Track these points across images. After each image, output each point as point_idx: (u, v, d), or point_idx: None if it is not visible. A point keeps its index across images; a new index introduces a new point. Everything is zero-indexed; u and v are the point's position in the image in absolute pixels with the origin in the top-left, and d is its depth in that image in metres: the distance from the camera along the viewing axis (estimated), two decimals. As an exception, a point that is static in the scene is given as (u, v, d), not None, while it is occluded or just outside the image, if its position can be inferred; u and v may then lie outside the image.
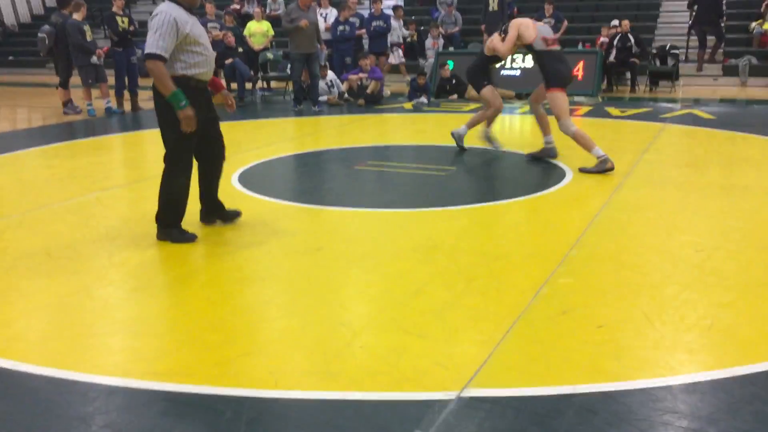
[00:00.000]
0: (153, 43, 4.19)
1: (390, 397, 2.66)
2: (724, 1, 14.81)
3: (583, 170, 6.40)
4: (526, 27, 6.60)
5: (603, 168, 6.32)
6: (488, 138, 7.54)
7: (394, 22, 15.12)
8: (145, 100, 12.51)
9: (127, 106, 11.59)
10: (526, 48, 6.69)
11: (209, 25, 13.31)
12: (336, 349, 3.04)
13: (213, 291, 3.74)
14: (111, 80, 11.28)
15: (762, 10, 14.65)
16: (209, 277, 3.98)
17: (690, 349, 3.02)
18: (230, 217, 4.96)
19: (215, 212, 4.93)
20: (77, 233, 4.79)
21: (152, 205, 4.63)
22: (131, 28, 11.28)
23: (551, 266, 3.99)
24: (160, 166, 4.55)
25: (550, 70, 6.53)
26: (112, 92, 11.30)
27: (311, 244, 4.54)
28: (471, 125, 7.52)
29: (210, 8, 13.70)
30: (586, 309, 3.43)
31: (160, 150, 4.57)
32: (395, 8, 15.78)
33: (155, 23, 4.21)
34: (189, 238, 4.57)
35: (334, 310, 3.52)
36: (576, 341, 3.09)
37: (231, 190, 5.98)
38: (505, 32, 6.72)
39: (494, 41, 6.88)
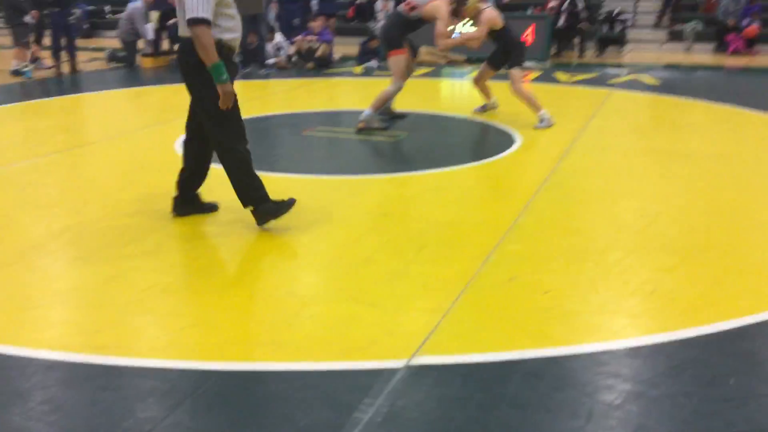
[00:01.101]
0: (197, 6, 3.64)
1: (339, 366, 2.65)
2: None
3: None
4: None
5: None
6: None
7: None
8: (84, 62, 12.09)
9: (65, 67, 11.16)
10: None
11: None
12: (285, 319, 3.01)
13: (157, 261, 3.65)
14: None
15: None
16: (153, 246, 3.87)
17: (633, 313, 3.09)
18: (207, 209, 4.38)
19: (192, 203, 4.34)
20: (14, 202, 4.61)
21: (94, 172, 4.48)
22: (68, -14, 10.81)
23: (500, 233, 4.02)
24: (101, 131, 4.38)
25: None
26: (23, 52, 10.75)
27: (259, 211, 4.45)
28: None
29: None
30: (533, 275, 3.46)
31: (100, 114, 4.40)
32: None
33: None
34: (289, 203, 4.07)
35: (282, 279, 3.48)
36: (523, 308, 3.12)
37: (173, 156, 5.83)
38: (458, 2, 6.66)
39: (441, 11, 6.60)
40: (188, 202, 4.32)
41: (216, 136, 3.98)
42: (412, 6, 6.62)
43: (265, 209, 4.05)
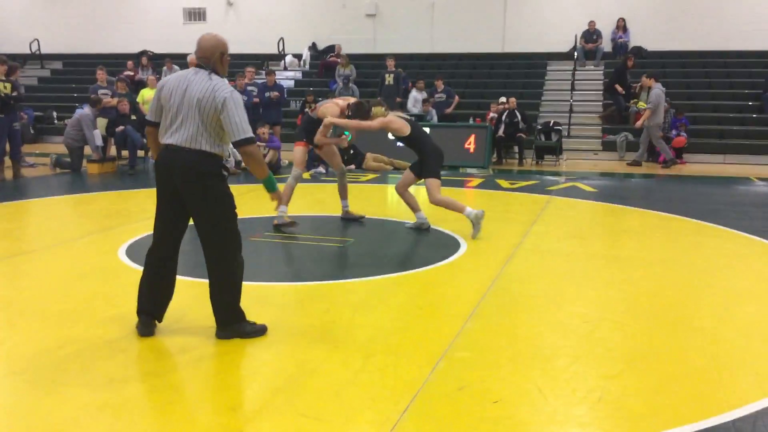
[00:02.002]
0: (243, 126, 3.78)
1: (284, 486, 2.55)
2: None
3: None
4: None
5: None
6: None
7: (416, 94, 15.69)
8: (26, 167, 11.96)
9: (8, 173, 11.00)
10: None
11: (100, 91, 13.01)
12: (227, 435, 2.89)
13: (95, 375, 3.50)
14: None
15: (637, 90, 15.87)
16: (90, 360, 3.72)
17: (581, 423, 3.08)
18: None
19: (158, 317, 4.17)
20: (-57, 313, 4.41)
21: (31, 281, 4.34)
22: (14, 94, 10.79)
23: (447, 340, 4.02)
24: (43, 238, 4.29)
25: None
26: None
27: (203, 321, 4.36)
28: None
29: (101, 75, 13.42)
30: (482, 384, 3.45)
31: (42, 221, 4.33)
32: (416, 81, 16.01)
33: (233, 102, 3.76)
34: (260, 329, 4.08)
35: (224, 392, 3.37)
36: (473, 418, 3.09)
37: (117, 263, 5.72)
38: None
39: (327, 112, 7.22)
40: (158, 316, 4.16)
41: (219, 246, 3.95)
42: (312, 108, 7.61)
43: (241, 327, 4.03)
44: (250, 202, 9.40)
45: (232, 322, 4.03)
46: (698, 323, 4.44)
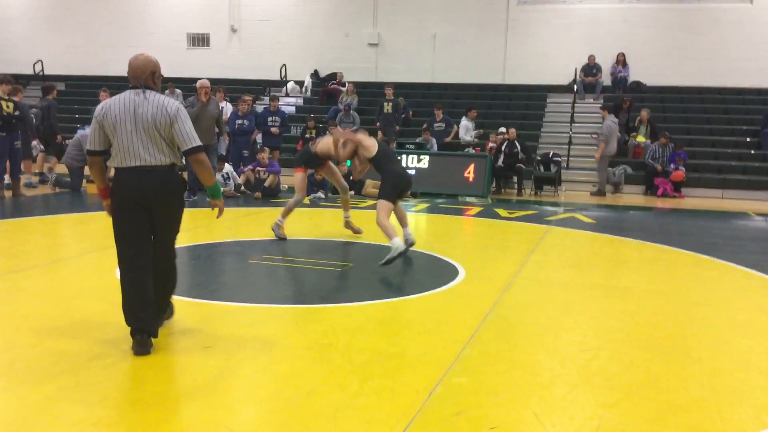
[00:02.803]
0: (192, 135, 4.10)
1: (278, 508, 2.51)
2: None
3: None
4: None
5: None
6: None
7: (467, 122, 15.98)
8: (23, 187, 11.97)
9: (7, 193, 11.02)
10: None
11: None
12: (222, 455, 2.86)
13: (90, 393, 3.47)
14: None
15: (636, 124, 16.01)
16: (86, 377, 3.70)
17: (579, 450, 3.05)
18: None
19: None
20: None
21: (28, 297, 4.33)
22: (16, 113, 10.85)
23: (445, 365, 4.00)
24: (40, 255, 4.29)
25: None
26: None
27: (200, 341, 4.34)
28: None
29: (104, 96, 13.57)
30: (479, 410, 3.42)
31: (40, 239, 4.33)
32: (469, 109, 16.26)
33: (183, 114, 4.08)
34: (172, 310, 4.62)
35: (220, 413, 3.34)
36: (470, 444, 3.06)
37: (112, 283, 5.70)
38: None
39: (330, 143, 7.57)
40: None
41: (173, 248, 4.38)
42: (314, 142, 8.27)
43: (161, 322, 4.41)
44: (249, 224, 9.41)
45: (165, 312, 4.47)
46: (696, 354, 4.43)
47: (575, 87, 18.08)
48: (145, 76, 4.10)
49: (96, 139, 4.12)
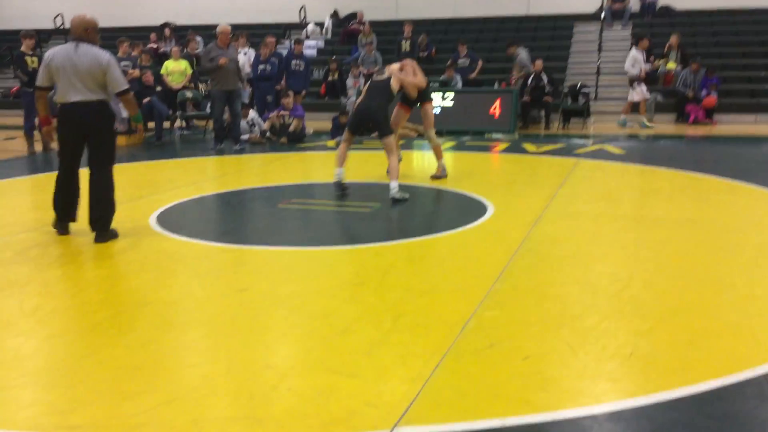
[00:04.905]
0: (122, 80, 5.43)
1: (319, 440, 2.60)
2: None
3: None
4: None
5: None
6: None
7: (636, 53, 14.27)
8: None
9: (38, 146, 11.18)
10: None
11: (122, 63, 13.06)
12: (262, 392, 2.96)
13: (131, 337, 3.59)
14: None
15: (665, 50, 15.54)
16: (127, 324, 3.82)
17: (612, 377, 3.09)
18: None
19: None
20: (-17, 280, 4.53)
21: (61, 251, 4.44)
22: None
23: (477, 300, 4.03)
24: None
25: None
26: None
27: (234, 285, 4.43)
28: (396, 177, 6.97)
29: (124, 47, 13.47)
30: (512, 341, 3.46)
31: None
32: (640, 39, 14.64)
33: (113, 62, 5.35)
34: (114, 232, 5.54)
35: (259, 352, 3.43)
36: (503, 374, 3.11)
37: (149, 230, 5.81)
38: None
39: (407, 77, 7.48)
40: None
41: (108, 164, 5.55)
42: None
43: (112, 232, 5.52)
44: (278, 170, 9.45)
45: (106, 226, 5.50)
46: (729, 280, 4.40)
47: (602, 15, 17.55)
48: (79, 31, 5.30)
49: (43, 77, 5.36)
